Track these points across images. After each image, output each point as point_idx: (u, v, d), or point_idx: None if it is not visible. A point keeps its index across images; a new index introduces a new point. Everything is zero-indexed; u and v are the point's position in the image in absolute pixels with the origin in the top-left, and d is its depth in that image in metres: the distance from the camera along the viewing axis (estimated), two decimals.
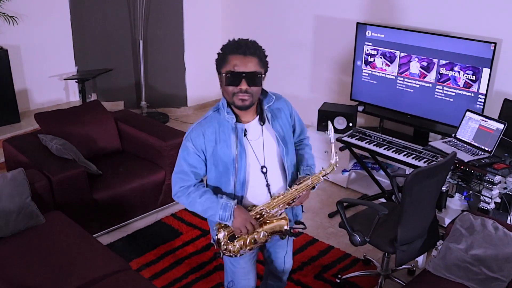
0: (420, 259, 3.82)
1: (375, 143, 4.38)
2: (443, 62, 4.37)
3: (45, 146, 4.04)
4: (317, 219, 4.46)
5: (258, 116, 2.39)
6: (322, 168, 2.45)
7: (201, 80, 6.86)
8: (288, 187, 2.46)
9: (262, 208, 2.37)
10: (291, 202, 2.42)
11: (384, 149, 4.29)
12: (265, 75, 2.32)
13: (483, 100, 4.20)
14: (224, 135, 2.33)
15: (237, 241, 2.36)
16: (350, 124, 4.93)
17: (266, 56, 2.33)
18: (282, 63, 6.27)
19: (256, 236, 2.37)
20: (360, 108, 5.05)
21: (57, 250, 3.10)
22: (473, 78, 4.22)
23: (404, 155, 4.17)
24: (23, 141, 4.29)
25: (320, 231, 4.28)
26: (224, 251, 2.39)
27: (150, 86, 6.75)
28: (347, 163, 4.93)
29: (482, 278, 2.86)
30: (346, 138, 4.49)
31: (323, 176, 2.44)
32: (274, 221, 2.40)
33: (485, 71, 4.14)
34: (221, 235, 2.36)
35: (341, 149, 4.51)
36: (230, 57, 2.23)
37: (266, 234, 2.38)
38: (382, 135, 4.48)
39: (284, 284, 2.94)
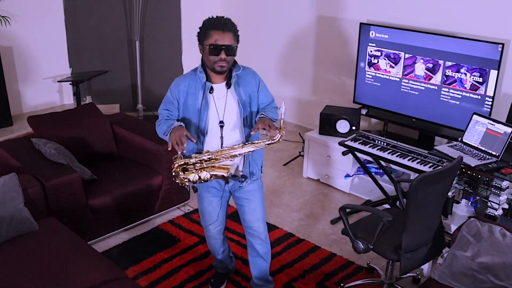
0: (426, 267, 3.82)
1: (379, 147, 4.39)
2: (449, 63, 4.38)
3: (39, 151, 4.05)
4: (319, 226, 4.46)
5: (226, 80, 2.99)
6: (270, 137, 2.94)
7: None
8: (241, 143, 3.00)
9: (211, 153, 2.94)
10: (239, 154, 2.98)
11: (388, 153, 4.30)
12: (237, 47, 2.92)
13: (490, 103, 4.22)
14: (195, 89, 2.98)
15: (186, 173, 2.95)
16: (353, 128, 4.95)
17: (238, 30, 2.93)
18: (283, 64, 6.29)
19: (201, 175, 2.94)
20: (364, 111, 5.06)
21: (50, 258, 3.11)
22: (480, 80, 4.23)
23: (409, 160, 4.18)
24: (16, 145, 4.29)
25: (322, 238, 4.29)
26: (174, 177, 2.98)
27: (147, 88, 6.77)
28: (350, 168, 4.94)
29: (489, 287, 2.86)
30: (349, 142, 4.50)
31: (266, 144, 2.96)
32: (219, 167, 2.96)
33: (493, 73, 4.15)
34: (176, 164, 2.95)
35: (343, 153, 4.52)
36: (211, 32, 2.84)
37: (209, 175, 2.94)
38: (386, 139, 4.50)
39: (265, 243, 3.37)
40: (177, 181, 2.99)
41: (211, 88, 2.96)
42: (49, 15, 6.16)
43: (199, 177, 2.95)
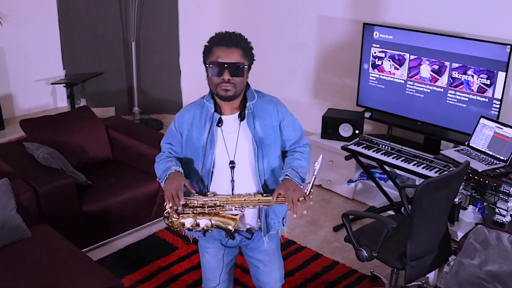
0: (431, 275, 3.83)
1: (383, 151, 4.40)
2: (455, 65, 4.39)
3: (31, 155, 4.06)
4: (321, 233, 4.47)
5: (239, 111, 2.56)
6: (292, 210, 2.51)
7: (197, 85, 6.80)
8: (256, 193, 2.58)
9: (218, 199, 2.53)
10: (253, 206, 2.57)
11: (393, 158, 4.31)
12: (249, 67, 2.55)
13: (498, 106, 4.23)
14: (201, 121, 2.56)
15: (180, 217, 2.54)
16: (357, 132, 4.96)
17: (252, 48, 2.55)
18: (283, 66, 6.30)
19: (200, 221, 2.53)
20: (367, 115, 5.07)
21: (44, 266, 3.11)
22: (488, 82, 4.25)
23: (414, 165, 4.19)
24: (8, 150, 4.30)
25: (325, 245, 4.30)
26: (166, 218, 2.56)
27: (143, 91, 6.78)
28: (353, 173, 4.95)
29: None
30: (352, 147, 4.51)
31: (289, 210, 2.52)
32: (225, 216, 2.55)
33: (501, 75, 4.16)
34: (168, 206, 2.54)
35: (346, 158, 4.53)
36: (214, 48, 2.44)
37: (210, 224, 2.53)
38: (391, 143, 4.51)
39: None
40: (166, 223, 2.58)
41: (220, 120, 2.54)
42: (42, 15, 6.18)
43: (198, 224, 2.54)
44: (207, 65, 2.46)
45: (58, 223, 3.73)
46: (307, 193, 2.52)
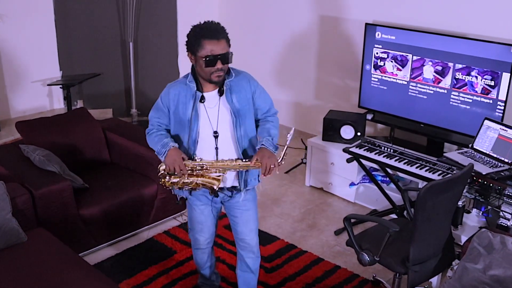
0: (434, 280, 3.83)
1: (385, 154, 4.41)
2: (459, 66, 4.40)
3: (27, 158, 4.07)
4: (322, 237, 4.48)
5: (218, 88, 2.99)
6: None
7: None
8: (237, 158, 3.04)
9: (204, 163, 2.98)
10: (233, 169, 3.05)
11: (395, 160, 4.32)
12: (231, 53, 2.93)
13: (502, 108, 4.23)
14: (185, 98, 3.00)
15: (173, 177, 3.02)
16: (358, 134, 4.96)
17: (228, 33, 2.91)
18: (284, 67, 6.31)
19: (188, 181, 3.01)
20: (369, 116, 5.08)
21: (40, 271, 3.12)
22: (492, 83, 4.25)
23: (416, 167, 4.20)
24: (3, 152, 4.30)
25: (326, 249, 4.30)
26: (160, 180, 3.07)
27: (141, 92, 6.79)
28: (355, 176, 4.95)
29: None
30: (353, 149, 4.52)
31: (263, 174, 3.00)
32: (210, 177, 3.01)
33: (505, 76, 4.17)
34: (162, 168, 3.04)
35: (348, 160, 4.53)
36: (204, 42, 2.81)
37: (198, 184, 3.01)
38: (393, 146, 4.51)
39: (257, 258, 3.40)
40: (160, 182, 3.07)
41: (202, 97, 2.98)
42: (38, 14, 6.18)
43: (185, 182, 3.02)
44: (202, 58, 2.82)
45: (55, 227, 3.73)
46: (280, 160, 2.99)
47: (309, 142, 5.25)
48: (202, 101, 2.98)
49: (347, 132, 5.01)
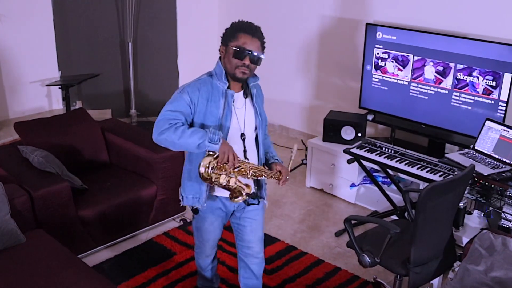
0: (436, 282, 3.83)
1: (386, 155, 4.40)
2: (460, 66, 4.40)
3: (26, 159, 4.06)
4: (323, 238, 4.48)
5: (243, 89, 2.96)
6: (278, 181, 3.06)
7: None
8: (263, 164, 3.09)
9: (246, 163, 2.87)
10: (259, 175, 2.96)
11: (396, 161, 4.32)
12: (262, 58, 2.90)
13: (504, 108, 4.23)
14: (215, 97, 2.87)
15: (215, 172, 2.78)
16: (359, 134, 4.96)
17: (265, 42, 2.91)
18: (284, 67, 6.31)
19: (230, 180, 2.82)
20: (370, 117, 5.08)
21: (38, 273, 3.11)
22: (494, 84, 4.26)
23: (418, 168, 4.20)
24: (1, 153, 4.30)
25: (326, 251, 4.30)
26: (203, 173, 2.76)
27: (140, 93, 6.79)
28: (355, 177, 4.95)
29: None
30: (354, 150, 4.52)
31: (276, 180, 3.05)
32: (241, 182, 2.89)
33: (507, 76, 4.17)
34: (207, 161, 2.74)
35: (349, 161, 4.53)
36: (240, 34, 2.80)
37: (235, 185, 2.84)
38: (394, 147, 4.51)
39: (261, 264, 3.34)
40: (202, 172, 2.76)
41: (232, 97, 2.91)
42: (37, 14, 6.18)
43: (228, 181, 2.82)
44: (232, 48, 2.79)
45: (53, 228, 3.73)
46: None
47: (309, 143, 5.25)
48: (233, 100, 2.91)
49: (347, 133, 5.01)
